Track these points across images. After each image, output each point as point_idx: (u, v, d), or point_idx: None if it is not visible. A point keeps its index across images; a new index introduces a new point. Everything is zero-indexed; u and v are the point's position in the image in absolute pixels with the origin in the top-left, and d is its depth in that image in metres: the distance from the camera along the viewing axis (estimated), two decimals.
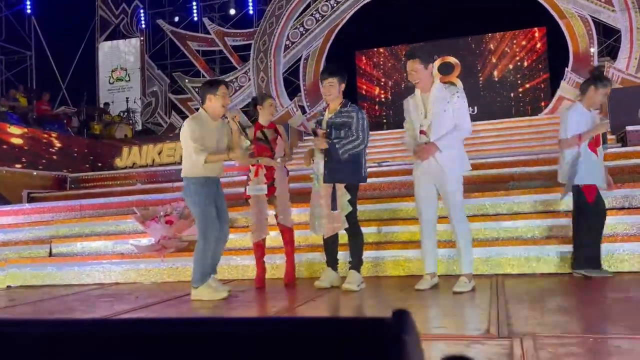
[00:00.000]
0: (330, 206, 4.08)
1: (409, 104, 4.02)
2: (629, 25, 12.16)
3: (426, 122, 3.86)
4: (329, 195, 4.10)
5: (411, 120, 3.98)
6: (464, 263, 3.89)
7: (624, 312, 3.02)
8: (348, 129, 4.10)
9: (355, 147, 4.07)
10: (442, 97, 3.83)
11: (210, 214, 4.04)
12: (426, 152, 3.80)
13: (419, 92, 3.95)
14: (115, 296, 4.68)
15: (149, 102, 15.98)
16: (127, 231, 6.19)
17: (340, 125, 4.11)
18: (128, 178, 10.58)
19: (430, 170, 3.88)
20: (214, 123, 4.14)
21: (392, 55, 15.11)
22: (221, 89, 4.10)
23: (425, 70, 3.87)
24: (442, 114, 3.81)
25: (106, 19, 16.54)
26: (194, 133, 3.99)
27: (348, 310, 3.69)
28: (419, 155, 3.84)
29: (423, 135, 3.87)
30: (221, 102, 4.09)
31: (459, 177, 3.88)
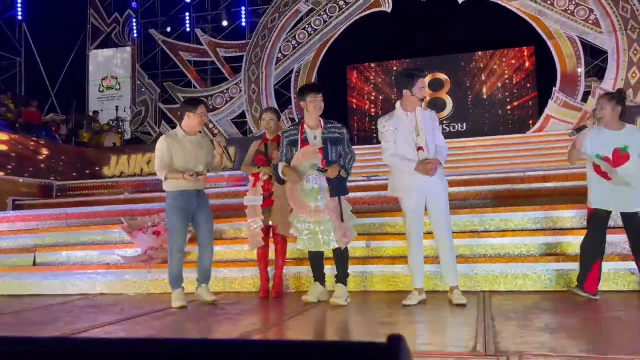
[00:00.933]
0: (339, 218, 4.09)
1: (392, 122, 4.04)
2: (616, 47, 12.38)
3: (420, 139, 3.96)
4: (336, 208, 4.10)
5: (400, 137, 4.00)
6: (455, 275, 4.00)
7: (611, 331, 3.04)
8: (340, 145, 4.20)
9: (352, 163, 4.26)
10: (427, 116, 4.04)
11: (174, 227, 4.35)
12: (433, 168, 3.88)
13: (402, 111, 4.04)
14: (99, 307, 4.62)
15: (139, 111, 15.93)
16: (113, 241, 6.13)
17: (336, 140, 4.18)
18: (116, 187, 10.51)
19: (421, 186, 3.92)
20: (190, 138, 4.39)
21: (382, 71, 15.22)
22: (200, 109, 4.39)
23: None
24: (431, 131, 4.00)
25: (98, 27, 16.52)
26: (159, 151, 4.34)
27: (335, 327, 3.67)
28: (426, 171, 3.88)
29: (421, 151, 3.94)
30: (198, 120, 4.37)
31: (447, 194, 4.09)
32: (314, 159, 4.11)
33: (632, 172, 3.83)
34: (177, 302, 4.31)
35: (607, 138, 3.90)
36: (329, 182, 4.09)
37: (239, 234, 5.76)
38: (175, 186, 4.34)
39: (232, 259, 5.39)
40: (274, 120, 4.82)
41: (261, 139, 4.84)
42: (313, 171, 4.10)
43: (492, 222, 5.15)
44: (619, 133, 3.90)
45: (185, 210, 4.35)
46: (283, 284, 4.76)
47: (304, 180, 4.13)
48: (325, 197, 4.09)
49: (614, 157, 3.87)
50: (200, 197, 4.45)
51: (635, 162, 3.84)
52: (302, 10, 14.78)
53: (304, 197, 4.12)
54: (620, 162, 3.85)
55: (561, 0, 12.85)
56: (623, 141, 3.86)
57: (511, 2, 13.11)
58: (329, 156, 4.12)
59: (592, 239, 3.97)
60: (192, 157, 4.36)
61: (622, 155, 3.85)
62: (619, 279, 4.28)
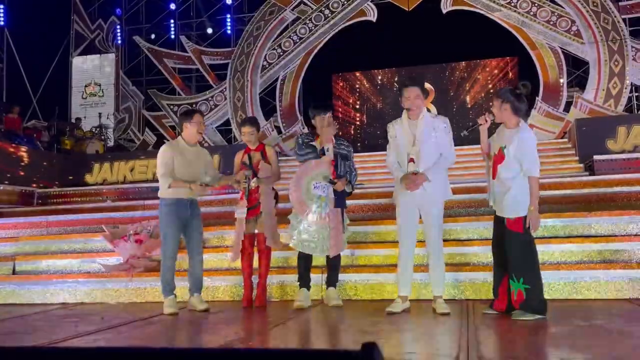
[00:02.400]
0: (340, 228, 4.35)
1: (395, 129, 4.07)
2: (597, 58, 12.58)
3: (414, 150, 3.93)
4: (338, 218, 4.34)
5: (397, 145, 4.02)
6: (442, 285, 4.00)
7: (591, 338, 3.05)
8: (348, 161, 4.52)
9: (355, 180, 4.59)
10: (430, 126, 3.96)
11: (169, 235, 4.38)
12: (415, 183, 3.87)
13: (406, 118, 4.02)
14: (80, 316, 4.54)
15: (122, 118, 15.80)
16: (94, 249, 6.05)
17: (345, 156, 4.50)
18: (98, 195, 10.38)
19: (414, 196, 3.93)
20: (190, 149, 4.51)
21: (368, 79, 15.30)
22: (195, 117, 4.52)
23: (424, 100, 4.02)
24: (430, 142, 3.93)
25: (81, 33, 16.39)
26: (164, 158, 4.40)
27: (319, 336, 3.65)
28: (408, 186, 3.88)
29: (412, 163, 3.92)
30: (196, 128, 4.50)
31: (442, 204, 4.06)
32: (327, 170, 4.37)
33: (502, 175, 3.68)
34: (169, 309, 4.31)
35: (499, 134, 3.81)
36: (335, 193, 4.35)
37: (222, 242, 5.72)
38: (172, 194, 4.39)
39: (215, 267, 5.35)
40: (254, 135, 4.76)
41: (244, 150, 4.80)
42: (324, 180, 4.33)
43: (476, 230, 5.18)
44: (508, 132, 3.74)
45: (179, 217, 4.41)
46: (267, 293, 4.73)
47: (312, 185, 4.34)
48: (329, 207, 4.33)
49: (497, 157, 3.73)
50: (194, 207, 4.53)
51: (510, 164, 3.66)
52: (287, 19, 14.80)
53: (309, 201, 4.34)
54: (498, 162, 3.72)
55: (544, 12, 13.03)
56: (506, 142, 3.70)
57: (494, 13, 13.27)
58: (339, 170, 4.44)
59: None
60: (191, 167, 4.45)
61: (500, 156, 3.71)
62: (600, 287, 4.31)
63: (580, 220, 5.02)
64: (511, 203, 3.67)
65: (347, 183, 4.42)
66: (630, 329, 3.32)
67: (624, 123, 9.56)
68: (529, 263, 3.67)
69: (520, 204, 3.67)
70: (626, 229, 4.89)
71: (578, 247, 4.67)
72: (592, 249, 4.65)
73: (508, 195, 3.67)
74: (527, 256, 3.68)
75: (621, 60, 12.41)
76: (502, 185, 3.70)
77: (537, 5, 13.08)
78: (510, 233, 3.69)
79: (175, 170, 4.40)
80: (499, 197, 3.73)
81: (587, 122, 10.60)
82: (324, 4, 14.44)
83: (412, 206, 3.98)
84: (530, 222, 3.66)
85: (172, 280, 4.42)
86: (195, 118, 4.50)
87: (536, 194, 3.69)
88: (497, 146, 3.79)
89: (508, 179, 3.68)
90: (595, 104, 12.33)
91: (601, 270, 4.38)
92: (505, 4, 13.22)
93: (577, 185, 6.44)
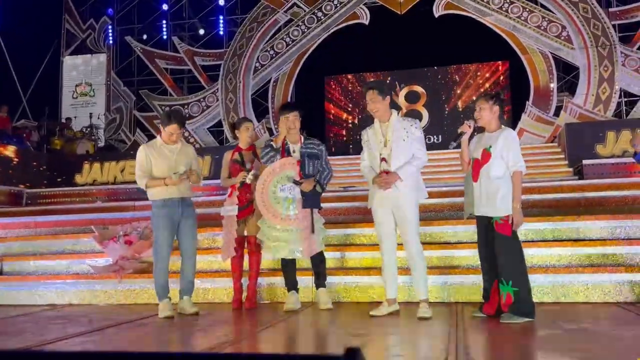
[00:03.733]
0: (310, 229, 4.26)
1: (368, 134, 4.12)
2: (587, 63, 12.69)
3: (386, 151, 3.96)
4: (308, 219, 4.27)
5: (370, 149, 4.06)
6: (423, 288, 3.95)
7: (578, 342, 3.07)
8: (317, 160, 4.42)
9: (329, 179, 4.48)
10: (401, 127, 3.99)
11: (160, 237, 4.32)
12: (388, 181, 3.88)
13: (378, 122, 4.07)
14: (68, 318, 4.51)
15: (113, 118, 15.72)
16: (83, 250, 6.00)
17: (313, 155, 4.41)
18: (88, 195, 10.33)
19: (388, 197, 3.93)
20: (169, 147, 4.40)
21: (360, 82, 15.32)
22: (169, 128, 4.34)
23: (383, 100, 3.99)
24: (402, 142, 3.95)
25: (73, 33, 16.30)
26: (139, 160, 4.37)
27: (307, 339, 3.65)
28: (380, 184, 3.90)
29: (384, 162, 3.95)
30: (168, 137, 4.38)
31: (417, 204, 4.00)
32: (292, 171, 4.30)
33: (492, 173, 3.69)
34: (164, 312, 4.25)
35: (482, 139, 3.85)
36: (303, 194, 4.27)
37: (213, 244, 5.70)
38: (160, 194, 4.32)
39: (205, 269, 5.33)
40: (253, 131, 4.91)
41: (234, 149, 4.81)
42: (289, 182, 4.26)
43: (466, 233, 5.19)
44: (492, 135, 3.80)
45: (170, 218, 4.33)
46: (257, 295, 4.72)
47: (278, 188, 4.28)
48: (297, 208, 4.27)
49: (482, 158, 3.75)
50: (186, 206, 4.43)
51: (496, 162, 3.69)
52: (280, 21, 14.82)
53: (276, 205, 4.29)
54: (484, 161, 3.74)
55: (535, 17, 13.13)
56: (492, 142, 3.75)
57: (486, 17, 13.36)
58: (306, 170, 4.35)
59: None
60: (173, 165, 4.34)
61: (486, 155, 3.73)
62: (588, 291, 4.34)
63: (569, 224, 5.05)
64: (500, 202, 3.68)
65: (315, 183, 4.32)
66: (618, 332, 3.34)
67: (613, 128, 9.65)
68: (517, 266, 3.70)
69: (510, 203, 3.70)
70: (614, 233, 4.93)
71: (567, 251, 4.70)
72: (580, 253, 4.68)
73: (498, 194, 3.68)
74: (515, 259, 3.71)
75: (611, 65, 12.52)
76: (490, 185, 3.71)
77: (528, 11, 13.18)
78: (499, 236, 3.70)
79: (154, 169, 4.33)
80: (486, 197, 3.73)
81: (576, 126, 10.69)
82: (317, 7, 14.47)
83: (386, 208, 3.97)
84: (513, 220, 3.67)
85: (166, 284, 4.36)
86: (168, 129, 4.34)
87: (519, 190, 3.71)
88: (479, 149, 3.82)
89: (497, 177, 3.70)
90: (585, 109, 12.43)
91: (589, 274, 4.41)
92: (497, 8, 13.31)
93: (567, 189, 6.49)
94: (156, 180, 4.30)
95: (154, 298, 4.53)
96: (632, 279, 4.27)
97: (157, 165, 4.34)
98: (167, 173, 4.30)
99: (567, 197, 6.18)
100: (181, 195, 4.38)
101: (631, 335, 3.26)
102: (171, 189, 4.31)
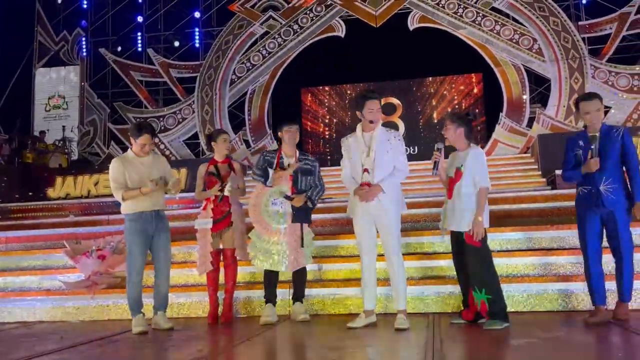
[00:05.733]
0: (299, 243, 4.32)
1: (349, 142, 4.11)
2: (558, 75, 12.97)
3: (369, 161, 3.96)
4: (297, 233, 4.33)
5: (351, 158, 4.06)
6: (402, 299, 3.96)
7: (552, 350, 3.10)
8: (310, 176, 4.49)
9: (321, 194, 4.55)
10: (385, 139, 4.00)
11: (133, 252, 4.28)
12: (370, 194, 3.89)
13: (361, 131, 4.05)
14: (38, 336, 4.39)
15: (87, 131, 15.49)
16: (55, 266, 5.87)
17: (307, 171, 4.47)
18: (61, 209, 10.12)
19: (370, 209, 3.93)
20: (141, 160, 4.39)
21: (336, 94, 15.41)
22: (141, 139, 4.34)
23: (381, 112, 4.07)
24: (385, 154, 3.96)
25: (45, 45, 16.07)
26: (113, 173, 4.35)
27: (284, 353, 3.61)
28: (363, 197, 3.90)
29: (366, 173, 3.95)
30: (140, 148, 4.37)
31: (399, 217, 4.02)
32: (284, 185, 4.36)
33: (462, 190, 3.85)
34: (138, 327, 4.19)
35: (455, 158, 4.02)
36: (294, 209, 4.33)
37: (188, 257, 5.62)
38: (133, 208, 4.31)
39: (181, 283, 5.25)
40: (229, 143, 4.91)
41: (209, 162, 4.77)
42: (280, 196, 4.34)
43: (442, 244, 5.21)
44: (462, 154, 3.97)
45: (144, 232, 4.30)
46: (233, 309, 4.67)
47: (270, 202, 4.35)
48: (287, 222, 4.32)
49: (455, 176, 3.93)
50: (160, 219, 4.40)
51: (467, 180, 3.85)
52: (256, 33, 14.84)
53: (267, 218, 4.35)
54: (457, 179, 3.90)
55: (507, 30, 13.39)
56: (462, 161, 3.92)
57: (460, 30, 13.57)
58: (299, 185, 4.41)
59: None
60: (146, 177, 4.31)
61: (459, 173, 3.90)
62: (561, 299, 4.40)
63: (542, 233, 5.11)
64: (470, 217, 3.82)
65: (307, 199, 4.38)
66: (590, 340, 3.40)
67: None
68: (488, 274, 3.83)
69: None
70: None
71: (540, 260, 4.75)
72: (554, 262, 4.73)
73: (467, 210, 3.83)
74: (486, 268, 3.84)
75: (581, 77, 12.82)
76: (461, 202, 3.86)
77: (500, 24, 13.44)
78: (469, 247, 3.83)
79: (129, 183, 4.31)
80: (459, 213, 3.87)
81: (549, 137, 10.88)
82: (293, 19, 14.54)
83: (368, 220, 3.98)
84: (474, 231, 3.80)
85: (139, 298, 4.31)
86: (140, 140, 4.34)
87: (483, 204, 3.84)
88: (453, 168, 3.98)
89: (467, 194, 3.86)
90: (557, 120, 12.68)
91: (563, 282, 4.46)
92: (470, 22, 13.54)
93: (540, 199, 6.57)
94: (133, 190, 4.27)
95: (128, 314, 4.45)
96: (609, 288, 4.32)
97: (130, 178, 4.31)
98: (142, 185, 4.26)
99: (540, 206, 6.26)
100: (154, 208, 4.35)
101: (605, 343, 3.30)
102: (145, 202, 4.28)
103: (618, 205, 3.77)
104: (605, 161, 3.78)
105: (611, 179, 3.77)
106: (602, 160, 3.77)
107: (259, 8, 14.92)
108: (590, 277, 3.86)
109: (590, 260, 3.86)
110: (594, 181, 3.81)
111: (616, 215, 3.77)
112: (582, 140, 3.93)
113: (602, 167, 3.77)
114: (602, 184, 3.78)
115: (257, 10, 14.89)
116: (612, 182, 3.77)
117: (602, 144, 3.80)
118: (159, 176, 4.31)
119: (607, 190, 3.77)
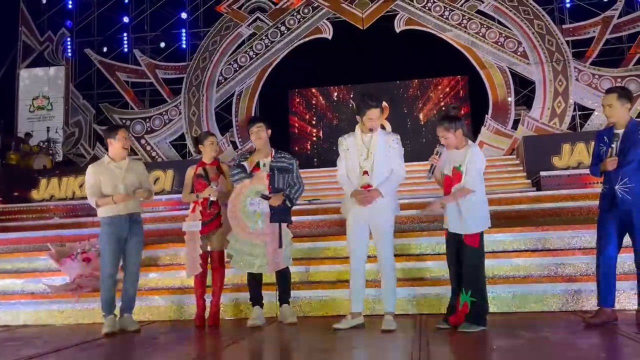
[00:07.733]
0: (278, 244, 4.26)
1: (348, 142, 4.08)
2: (542, 78, 13.10)
3: (368, 164, 3.96)
4: (275, 233, 4.26)
5: (349, 158, 4.03)
6: (391, 301, 3.96)
7: (537, 350, 3.13)
8: (288, 174, 4.41)
9: (300, 193, 4.45)
10: (384, 141, 4.01)
11: (106, 254, 4.35)
12: (369, 199, 3.88)
13: (360, 132, 4.04)
14: (22, 339, 4.35)
15: (72, 132, 15.33)
16: (39, 269, 5.81)
17: (283, 169, 4.40)
18: (45, 211, 10.00)
19: (364, 210, 3.93)
20: (118, 164, 4.45)
21: (324, 96, 15.42)
22: (120, 133, 4.46)
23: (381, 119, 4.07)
24: (384, 157, 3.97)
25: (30, 45, 15.88)
26: (89, 180, 4.43)
27: (272, 354, 3.61)
28: (361, 201, 3.89)
29: (366, 175, 3.94)
30: (121, 144, 4.45)
31: (392, 219, 4.03)
32: (261, 185, 4.31)
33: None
34: (107, 328, 4.23)
35: (451, 156, 3.92)
36: (271, 208, 4.27)
37: (174, 260, 5.59)
38: (107, 212, 4.37)
39: (167, 286, 5.22)
40: (217, 145, 4.92)
41: (197, 164, 4.75)
42: (257, 196, 4.28)
43: (429, 245, 5.25)
44: (460, 151, 3.87)
45: (117, 236, 4.35)
46: (220, 311, 4.65)
47: (247, 202, 4.29)
48: (265, 222, 4.26)
49: (453, 176, 3.85)
50: (134, 223, 4.43)
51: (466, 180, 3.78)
52: (243, 35, 14.80)
53: (245, 219, 4.30)
54: (456, 180, 3.84)
55: (492, 33, 13.50)
56: (461, 160, 3.83)
57: (446, 33, 13.66)
58: (276, 184, 4.34)
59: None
60: (121, 182, 4.38)
61: (457, 174, 3.83)
62: (547, 300, 4.44)
63: (526, 234, 5.15)
64: (471, 219, 3.78)
65: (284, 198, 4.31)
66: (574, 340, 3.43)
67: (569, 140, 9.94)
68: (478, 277, 3.81)
69: (480, 220, 3.82)
70: (570, 242, 5.05)
71: (525, 261, 4.80)
72: (538, 263, 4.78)
73: (468, 212, 3.77)
74: (477, 270, 3.82)
75: (565, 80, 12.96)
76: (465, 206, 3.77)
77: (486, 27, 13.55)
78: (466, 247, 3.79)
79: (103, 188, 4.38)
80: (457, 214, 3.80)
81: (533, 139, 10.98)
82: (280, 21, 14.52)
83: (362, 221, 3.97)
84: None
85: (112, 300, 4.37)
86: (119, 134, 4.45)
87: (458, 197, 3.77)
88: (449, 166, 3.89)
89: (471, 198, 3.79)
90: (541, 122, 12.80)
91: (547, 283, 4.51)
92: (456, 24, 13.63)
93: (525, 200, 6.64)
94: (105, 198, 4.35)
95: None
96: (592, 288, 4.36)
97: (105, 183, 4.38)
98: (117, 191, 4.35)
99: (525, 208, 6.33)
100: (129, 212, 4.40)
101: (589, 343, 3.35)
102: (119, 206, 4.35)
103: (635, 207, 3.64)
104: (623, 160, 3.67)
105: (627, 179, 3.67)
106: (621, 158, 3.66)
107: (246, 9, 14.88)
108: (598, 278, 3.82)
109: (600, 260, 3.80)
110: (610, 180, 3.74)
111: (633, 217, 3.64)
112: (606, 135, 3.84)
113: (619, 165, 3.66)
114: (618, 184, 3.69)
115: (244, 12, 14.86)
116: (629, 181, 3.67)
117: (625, 142, 3.69)
118: (133, 182, 4.40)
119: (622, 190, 3.68)
